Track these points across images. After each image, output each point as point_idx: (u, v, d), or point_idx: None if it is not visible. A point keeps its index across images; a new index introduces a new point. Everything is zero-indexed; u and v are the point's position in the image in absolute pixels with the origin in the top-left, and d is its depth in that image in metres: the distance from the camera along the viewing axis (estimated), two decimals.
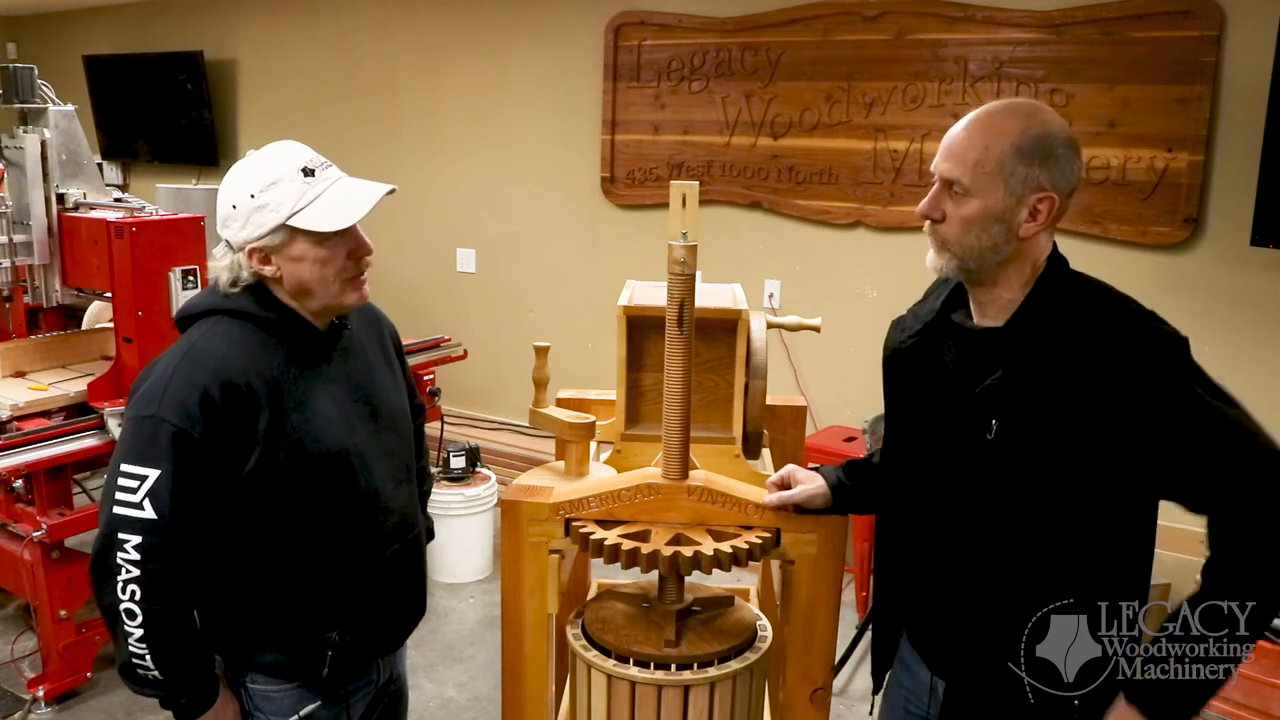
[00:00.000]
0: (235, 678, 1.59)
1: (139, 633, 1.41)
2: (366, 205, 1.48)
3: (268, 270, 1.48)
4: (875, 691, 1.74)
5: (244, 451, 1.43)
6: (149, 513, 1.39)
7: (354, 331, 1.64)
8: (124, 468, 1.41)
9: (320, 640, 1.55)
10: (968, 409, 1.41)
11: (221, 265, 1.51)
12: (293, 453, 1.46)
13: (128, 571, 1.39)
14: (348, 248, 1.49)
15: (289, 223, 1.43)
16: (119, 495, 1.40)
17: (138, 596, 1.40)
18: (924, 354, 1.52)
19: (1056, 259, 1.42)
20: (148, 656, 1.42)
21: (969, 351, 1.45)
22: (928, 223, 1.43)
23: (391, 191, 1.52)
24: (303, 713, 1.59)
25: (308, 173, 1.46)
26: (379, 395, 1.64)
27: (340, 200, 1.47)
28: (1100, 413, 1.30)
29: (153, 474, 1.39)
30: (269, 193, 1.43)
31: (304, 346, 1.53)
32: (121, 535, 1.39)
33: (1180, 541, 1.37)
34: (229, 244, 1.49)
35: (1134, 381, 1.29)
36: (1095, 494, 1.35)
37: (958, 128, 1.40)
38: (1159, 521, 1.43)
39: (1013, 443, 1.36)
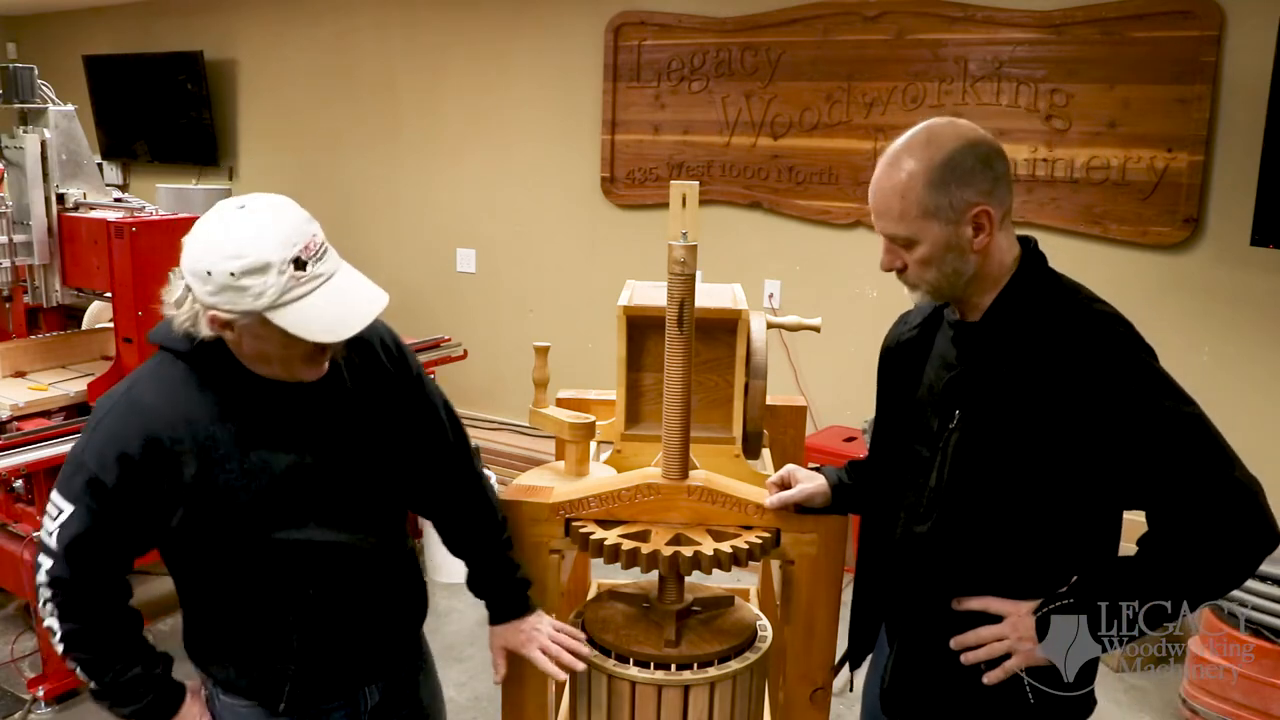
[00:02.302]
0: (208, 688, 1.55)
1: (61, 647, 1.41)
2: (353, 326, 1.34)
3: (227, 335, 1.34)
4: (853, 669, 1.76)
5: (166, 506, 1.37)
6: (56, 544, 1.36)
7: (330, 367, 1.45)
8: (52, 494, 1.39)
9: (277, 671, 1.49)
10: (939, 398, 1.46)
11: (179, 311, 1.35)
12: (223, 505, 1.38)
13: (44, 591, 1.39)
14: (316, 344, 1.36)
15: (266, 315, 1.29)
16: (44, 519, 1.39)
17: (55, 614, 1.39)
18: (920, 347, 1.56)
19: (1031, 257, 1.44)
20: (78, 669, 1.43)
21: (950, 345, 1.50)
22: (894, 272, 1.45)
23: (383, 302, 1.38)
24: None
25: (299, 265, 1.29)
26: (344, 429, 1.48)
27: (326, 307, 1.32)
28: (1058, 412, 1.33)
29: (67, 510, 1.36)
30: (253, 278, 1.27)
31: (255, 392, 1.41)
32: (40, 557, 1.39)
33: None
34: (190, 291, 1.32)
35: (1090, 383, 1.32)
36: (1052, 489, 1.37)
37: (873, 187, 1.42)
38: (1125, 515, 1.45)
39: (972, 433, 1.40)
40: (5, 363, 3.26)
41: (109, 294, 3.07)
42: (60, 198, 3.23)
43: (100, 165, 3.77)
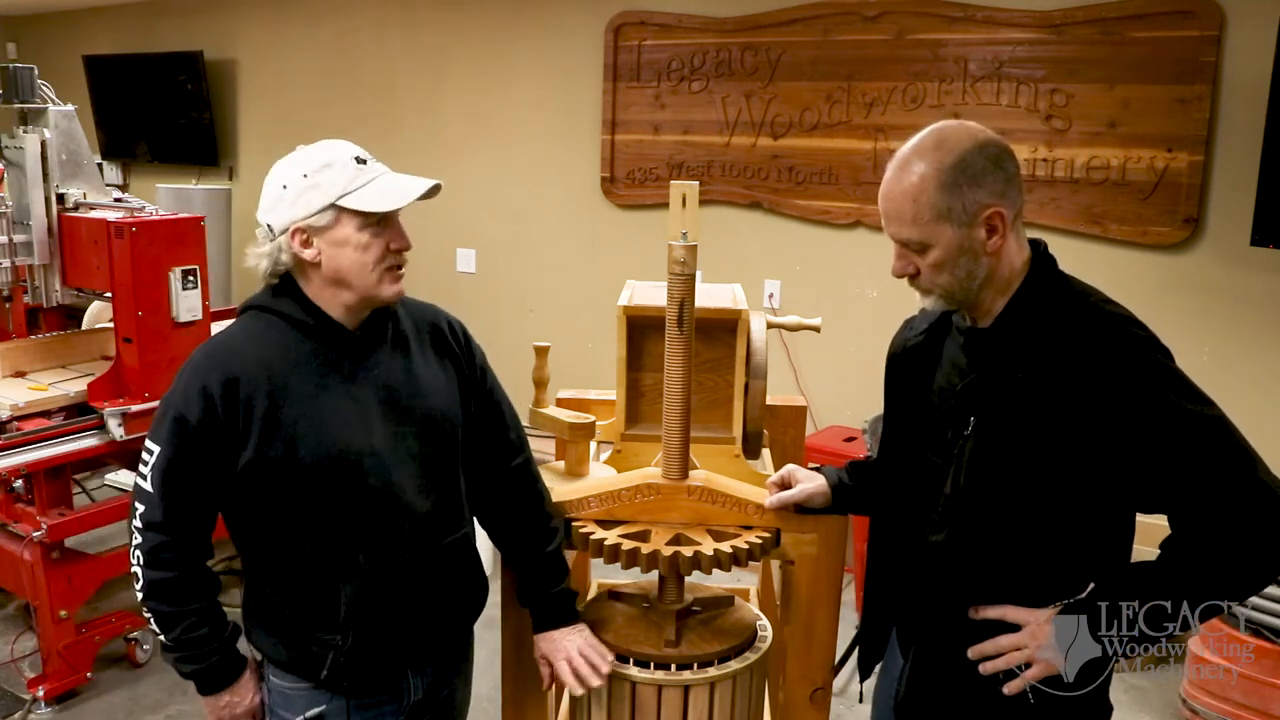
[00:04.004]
0: (263, 671, 1.62)
1: (141, 595, 1.51)
2: (414, 192, 1.52)
3: (308, 254, 1.49)
4: (862, 679, 1.75)
5: (238, 443, 1.47)
6: (150, 485, 1.48)
7: (405, 332, 1.63)
8: (146, 441, 1.51)
9: (323, 642, 1.53)
10: (952, 405, 1.45)
11: (261, 252, 1.53)
12: (289, 448, 1.47)
13: (135, 538, 1.50)
14: (388, 239, 1.53)
15: (338, 203, 1.47)
16: (139, 466, 1.51)
17: (141, 562, 1.50)
18: (928, 352, 1.55)
19: (1042, 260, 1.43)
20: (153, 620, 1.52)
21: (961, 351, 1.49)
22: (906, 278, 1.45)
23: (437, 186, 1.54)
24: (309, 714, 1.57)
25: (360, 160, 1.51)
26: (415, 396, 1.58)
27: (389, 189, 1.51)
28: (1076, 417, 1.32)
29: (157, 451, 1.48)
30: (322, 173, 1.48)
31: (332, 346, 1.54)
32: (135, 503, 1.51)
33: (1158, 538, 1.39)
34: (270, 229, 1.51)
35: (1106, 387, 1.31)
36: (1070, 495, 1.36)
37: (884, 191, 1.41)
38: (1137, 518, 1.44)
39: (987, 440, 1.39)
40: (5, 363, 3.26)
41: (109, 294, 3.06)
42: (60, 198, 3.22)
43: (100, 165, 3.76)
